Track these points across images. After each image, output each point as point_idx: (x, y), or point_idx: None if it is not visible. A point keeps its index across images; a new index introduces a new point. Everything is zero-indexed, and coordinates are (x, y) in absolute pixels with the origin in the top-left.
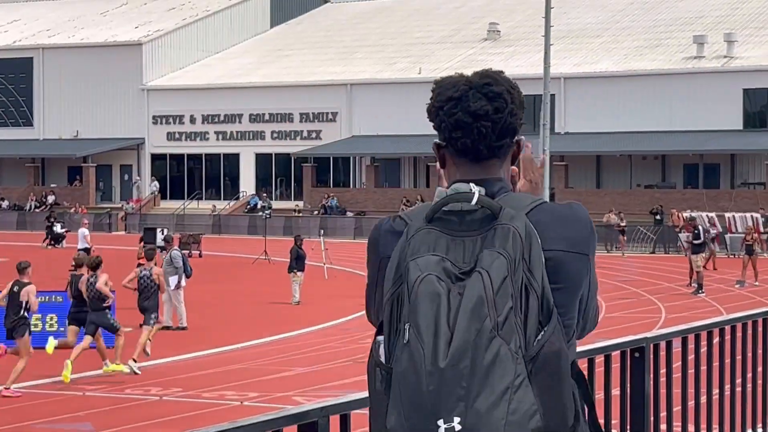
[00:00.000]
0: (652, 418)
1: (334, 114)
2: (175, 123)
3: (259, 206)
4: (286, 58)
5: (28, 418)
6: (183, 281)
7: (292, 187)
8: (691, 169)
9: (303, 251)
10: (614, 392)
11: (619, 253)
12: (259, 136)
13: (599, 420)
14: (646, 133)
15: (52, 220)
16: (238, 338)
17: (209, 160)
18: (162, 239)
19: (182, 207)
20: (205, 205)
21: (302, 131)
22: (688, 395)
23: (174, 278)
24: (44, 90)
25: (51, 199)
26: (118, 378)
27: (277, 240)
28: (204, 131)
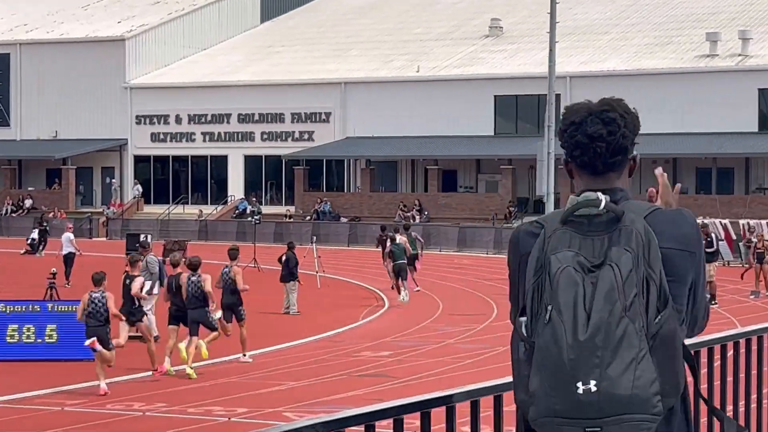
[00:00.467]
0: None
1: (328, 114)
2: (159, 123)
3: (248, 211)
4: (277, 54)
5: None
6: (156, 289)
7: (283, 192)
8: (703, 173)
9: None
10: None
11: None
12: (249, 137)
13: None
14: (656, 135)
15: (45, 224)
16: (226, 350)
17: (195, 162)
18: (138, 245)
19: (167, 212)
20: (191, 210)
21: (294, 132)
22: (700, 411)
23: (147, 283)
24: (21, 88)
25: (28, 203)
26: (101, 391)
27: (266, 247)
28: (190, 132)
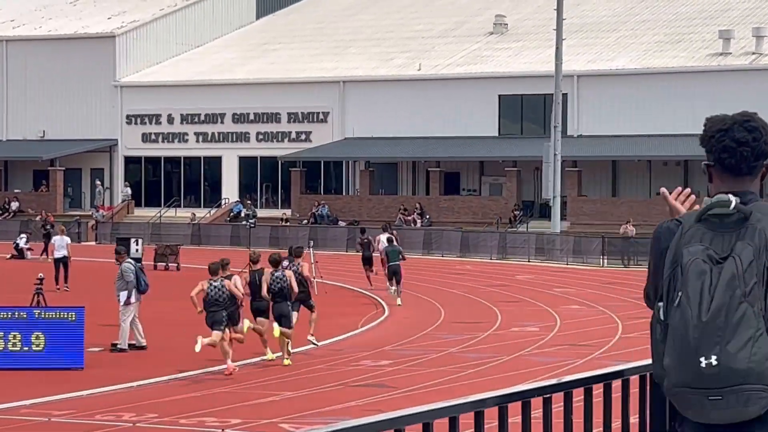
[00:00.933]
0: None
1: (326, 114)
2: (151, 123)
3: (242, 214)
4: (273, 52)
5: None
6: (133, 297)
7: (279, 194)
8: None
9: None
10: (632, 420)
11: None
12: (243, 137)
13: None
14: (666, 136)
15: (48, 227)
16: (220, 359)
17: (188, 163)
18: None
19: (158, 215)
20: (184, 213)
21: (290, 133)
22: None
23: (124, 294)
24: (8, 86)
25: (15, 205)
26: (88, 401)
27: (262, 251)
28: (183, 132)
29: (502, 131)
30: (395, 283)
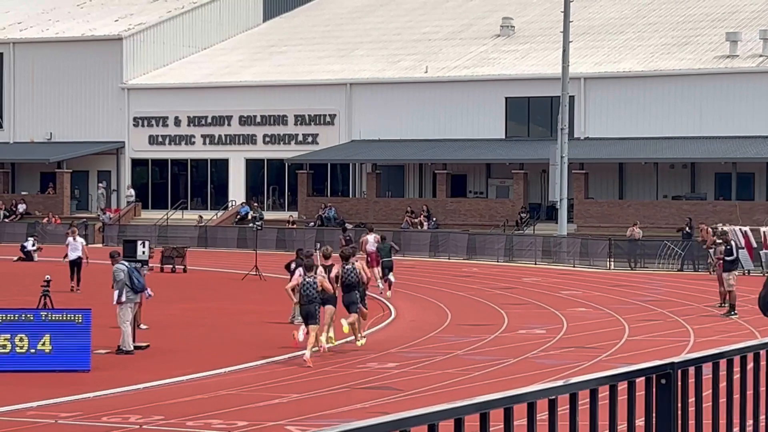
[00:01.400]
0: None
1: (332, 116)
2: (158, 125)
3: (249, 217)
4: (279, 54)
5: None
6: (124, 296)
7: (286, 196)
8: (722, 178)
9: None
10: (638, 422)
11: (647, 270)
12: (250, 140)
13: None
14: (673, 139)
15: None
16: (226, 361)
17: (195, 166)
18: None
19: (165, 217)
20: (191, 216)
21: (297, 135)
22: (719, 426)
23: (115, 294)
24: (15, 89)
25: (22, 208)
26: (95, 404)
27: (269, 254)
28: (189, 134)
29: (508, 133)
30: (387, 277)
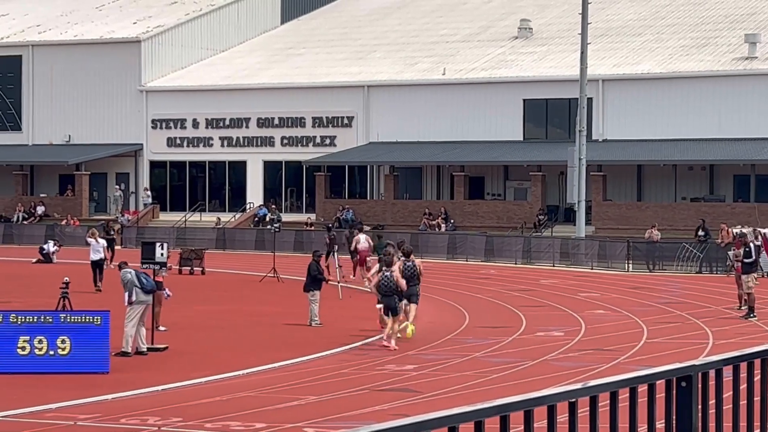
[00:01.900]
0: None
1: (350, 118)
2: (176, 127)
3: (267, 219)
4: (297, 57)
5: None
6: (134, 296)
7: (304, 198)
8: (741, 180)
9: (320, 267)
10: (659, 425)
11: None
12: (268, 142)
13: None
14: (692, 140)
15: (112, 232)
16: (245, 363)
17: (213, 168)
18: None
19: (183, 219)
20: (209, 218)
21: (315, 137)
22: (739, 428)
23: (126, 295)
24: (34, 91)
25: (40, 210)
26: (114, 406)
27: (286, 256)
28: (208, 137)
29: (526, 135)
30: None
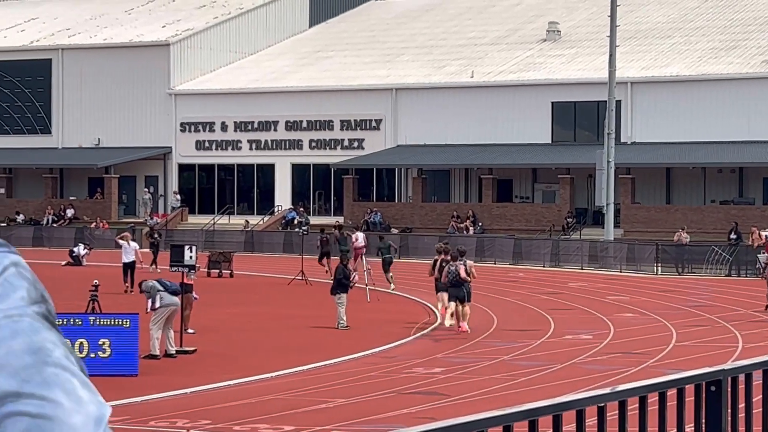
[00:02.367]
0: None
1: (378, 121)
2: (204, 131)
3: (295, 222)
4: (326, 60)
5: None
6: (158, 302)
7: (332, 201)
8: None
9: (349, 270)
10: (688, 429)
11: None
12: (296, 145)
13: None
14: (721, 143)
15: (156, 236)
16: (273, 366)
17: (242, 171)
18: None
19: (212, 222)
20: (237, 221)
21: (343, 140)
22: None
23: (149, 302)
24: (63, 94)
25: (70, 212)
26: (142, 408)
27: (315, 259)
28: (236, 140)
29: (555, 138)
30: (388, 272)
